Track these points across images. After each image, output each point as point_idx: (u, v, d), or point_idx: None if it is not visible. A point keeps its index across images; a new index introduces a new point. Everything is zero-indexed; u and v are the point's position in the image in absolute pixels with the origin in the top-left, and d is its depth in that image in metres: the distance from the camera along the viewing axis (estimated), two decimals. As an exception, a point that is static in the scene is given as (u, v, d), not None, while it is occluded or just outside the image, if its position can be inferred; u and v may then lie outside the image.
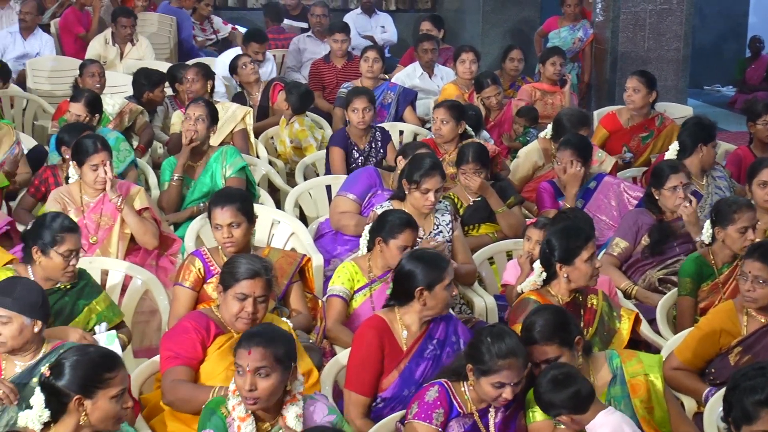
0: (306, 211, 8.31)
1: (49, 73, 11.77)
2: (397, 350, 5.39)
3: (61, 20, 13.22)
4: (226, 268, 5.41)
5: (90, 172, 7.04)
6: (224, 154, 8.00)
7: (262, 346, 4.54)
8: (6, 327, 4.94)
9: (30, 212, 7.71)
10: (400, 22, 15.11)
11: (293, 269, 6.21)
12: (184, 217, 7.81)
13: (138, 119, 9.60)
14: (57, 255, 5.74)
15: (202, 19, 14.37)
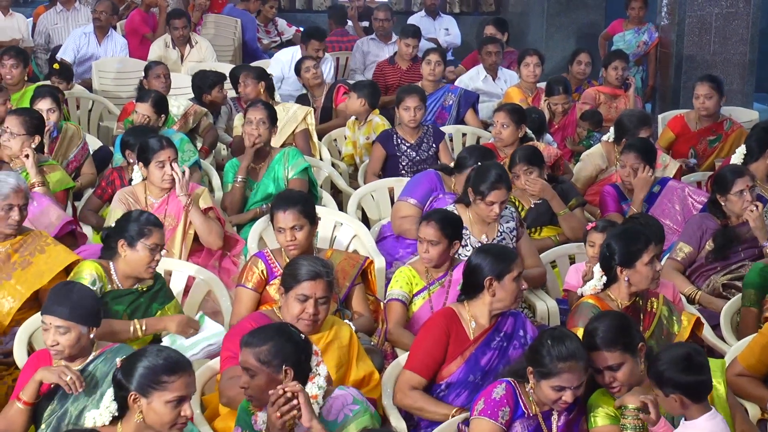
0: (368, 214, 8.31)
1: (115, 75, 11.86)
2: (463, 338, 5.41)
3: (127, 22, 13.33)
4: (288, 270, 5.43)
5: (157, 169, 7.10)
6: (286, 156, 8.03)
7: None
8: (64, 337, 4.97)
9: (96, 213, 7.77)
10: (464, 25, 15.08)
11: (355, 272, 6.22)
12: (247, 218, 7.85)
13: (202, 121, 9.66)
14: (144, 248, 5.82)
15: (266, 21, 14.44)
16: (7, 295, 6.03)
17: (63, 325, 4.96)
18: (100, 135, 10.40)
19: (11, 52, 10.18)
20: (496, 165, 6.94)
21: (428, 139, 8.90)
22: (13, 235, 6.15)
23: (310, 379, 4.70)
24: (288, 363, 4.63)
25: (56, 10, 13.36)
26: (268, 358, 4.62)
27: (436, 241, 6.13)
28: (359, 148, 9.49)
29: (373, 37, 13.10)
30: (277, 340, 4.65)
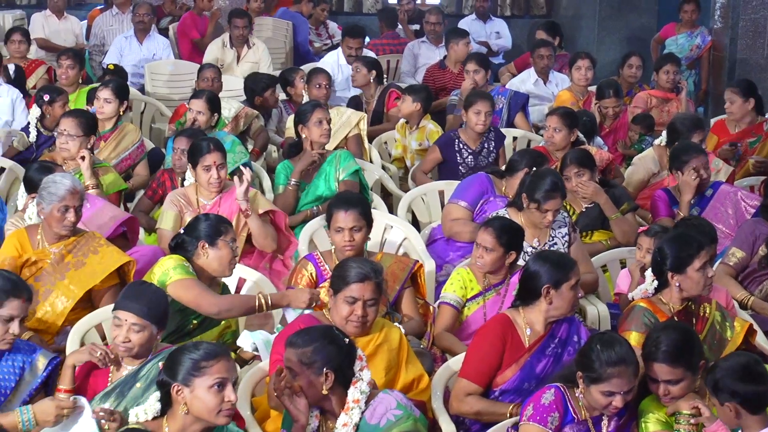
0: (419, 216, 8.31)
1: (168, 77, 11.95)
2: (519, 345, 5.40)
3: (179, 24, 13.43)
4: (337, 272, 5.45)
5: (203, 172, 7.13)
6: (338, 158, 8.04)
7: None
8: (137, 335, 4.99)
9: (147, 214, 7.82)
10: (515, 28, 15.05)
11: (405, 275, 6.22)
12: (298, 220, 7.86)
13: (253, 123, 9.70)
14: (225, 244, 5.85)
15: (318, 24, 14.49)
16: (60, 294, 6.08)
17: (138, 323, 4.98)
18: (152, 137, 10.47)
19: (69, 53, 10.33)
20: (551, 173, 6.92)
21: (489, 144, 8.87)
22: (68, 236, 6.20)
23: (352, 384, 4.72)
24: (330, 366, 4.65)
25: (111, 12, 13.50)
26: (310, 359, 4.64)
27: (491, 248, 6.12)
28: (410, 153, 9.48)
29: (423, 40, 13.09)
30: (321, 343, 4.67)
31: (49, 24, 13.23)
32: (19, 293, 4.95)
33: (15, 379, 4.98)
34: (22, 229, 6.36)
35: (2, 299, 4.91)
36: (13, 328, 4.92)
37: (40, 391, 5.04)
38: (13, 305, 4.92)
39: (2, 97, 9.70)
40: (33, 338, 5.83)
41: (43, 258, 6.17)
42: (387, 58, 12.94)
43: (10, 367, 4.99)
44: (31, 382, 5.00)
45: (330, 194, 7.93)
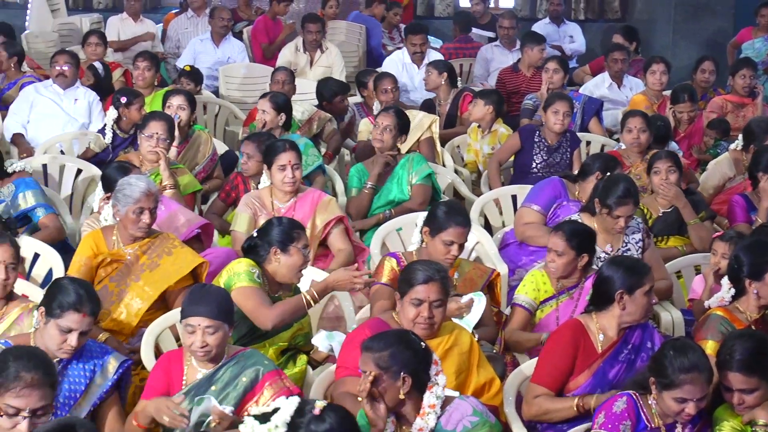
0: (491, 221, 8.29)
1: (241, 80, 12.03)
2: (591, 351, 5.37)
3: (253, 28, 13.52)
4: (402, 276, 5.45)
5: (278, 172, 7.16)
6: (411, 162, 8.04)
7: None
8: (213, 336, 5.00)
9: (220, 217, 7.87)
10: (589, 32, 14.95)
11: (483, 282, 6.20)
12: (371, 224, 7.88)
13: (326, 126, 9.73)
14: (297, 251, 5.85)
15: (391, 27, 14.51)
16: (135, 296, 6.13)
17: (212, 324, 5.00)
18: (226, 139, 10.54)
19: (145, 54, 10.44)
20: (625, 178, 6.88)
21: (565, 144, 8.85)
22: (142, 237, 6.25)
23: (428, 389, 4.70)
24: (406, 370, 4.63)
25: (186, 16, 13.64)
26: (386, 364, 4.62)
27: (562, 252, 6.09)
28: (483, 157, 9.46)
29: (497, 44, 13.07)
30: (397, 347, 4.64)
31: (125, 27, 13.38)
32: (81, 307, 4.94)
33: (85, 383, 5.00)
34: (98, 230, 6.41)
35: (63, 310, 4.93)
36: (71, 340, 4.94)
37: (112, 393, 5.07)
38: (72, 318, 4.93)
39: (80, 100, 9.81)
40: (109, 340, 5.89)
41: (118, 259, 6.23)
42: (460, 62, 12.94)
43: (80, 370, 5.02)
44: (102, 385, 5.03)
45: (402, 198, 7.94)
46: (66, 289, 4.98)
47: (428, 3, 16.49)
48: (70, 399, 4.92)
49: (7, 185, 7.32)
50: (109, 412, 5.06)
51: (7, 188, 7.31)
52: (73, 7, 15.42)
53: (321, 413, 4.27)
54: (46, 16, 13.95)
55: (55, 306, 4.94)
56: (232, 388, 4.99)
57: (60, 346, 4.92)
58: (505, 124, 9.58)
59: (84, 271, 6.19)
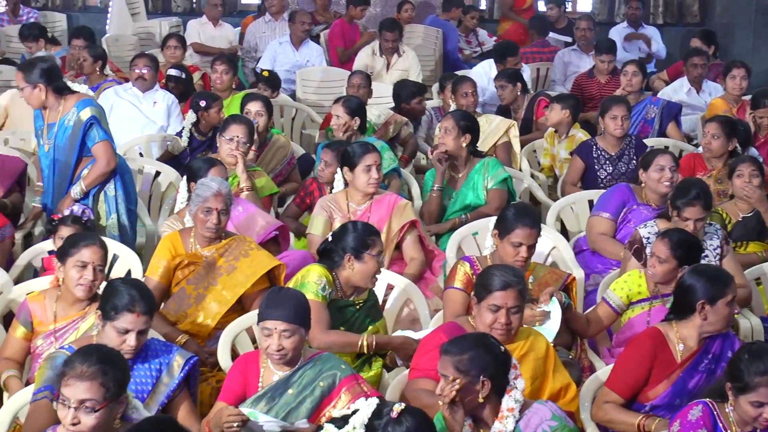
0: (567, 225, 8.25)
1: (318, 84, 12.08)
2: (670, 361, 5.33)
3: (330, 32, 13.57)
4: (480, 280, 5.43)
5: (363, 173, 7.18)
6: (486, 166, 8.02)
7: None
8: (289, 340, 5.03)
9: (295, 221, 7.90)
10: (668, 36, 14.83)
11: (558, 286, 6.16)
12: (445, 228, 7.86)
13: (402, 130, 9.74)
14: (371, 258, 5.88)
15: (467, 31, 14.49)
16: (213, 300, 6.17)
17: (288, 328, 5.03)
18: (303, 143, 10.58)
19: (223, 58, 10.51)
20: (696, 182, 6.85)
21: (629, 152, 8.79)
22: (217, 239, 6.29)
23: (507, 392, 4.69)
24: (486, 374, 4.63)
25: (264, 19, 13.74)
26: (466, 367, 4.61)
27: (664, 260, 6.03)
28: (559, 162, 9.42)
29: (574, 48, 13.03)
30: (477, 350, 4.64)
31: (204, 31, 13.50)
32: (134, 308, 4.98)
33: (152, 382, 5.04)
34: (176, 232, 6.46)
35: (117, 312, 4.98)
36: (129, 340, 4.99)
37: (181, 391, 5.11)
38: (127, 319, 4.98)
39: (158, 103, 9.90)
40: (188, 343, 5.97)
41: (195, 261, 6.27)
42: (537, 66, 12.90)
43: (146, 370, 5.06)
44: (169, 384, 5.07)
45: (478, 203, 7.92)
46: (118, 291, 5.04)
47: (505, 7, 16.45)
48: (138, 399, 4.93)
49: (70, 110, 7.24)
50: (179, 409, 5.10)
51: (71, 113, 7.23)
52: (152, 10, 15.57)
53: (399, 416, 4.29)
54: (126, 20, 14.11)
55: (110, 308, 5.01)
56: (309, 392, 5.01)
57: (120, 347, 4.96)
58: (583, 129, 9.53)
59: (162, 273, 6.25)
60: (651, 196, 7.44)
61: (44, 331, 5.65)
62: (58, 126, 7.16)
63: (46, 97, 7.11)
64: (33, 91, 7.10)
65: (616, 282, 6.25)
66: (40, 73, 7.07)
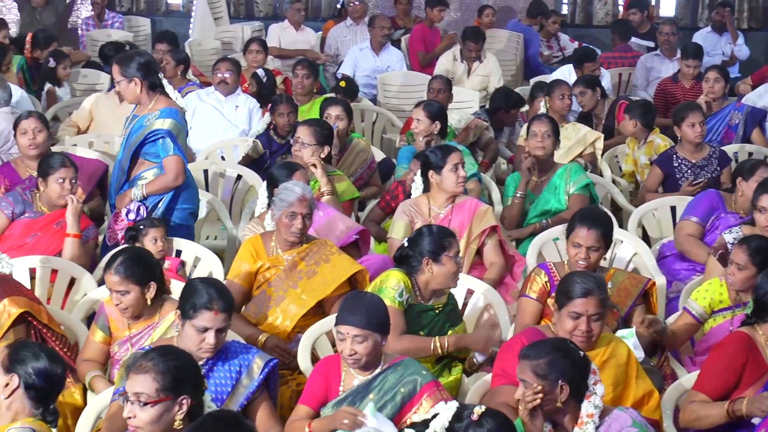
0: (649, 232, 8.19)
1: (399, 88, 12.10)
2: (761, 363, 5.28)
3: (410, 36, 13.61)
4: (561, 287, 5.40)
5: (451, 173, 7.17)
6: (569, 171, 7.98)
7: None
8: (361, 345, 5.05)
9: (378, 225, 7.90)
10: (752, 41, 14.66)
11: (638, 292, 6.12)
12: (526, 233, 7.84)
13: (483, 135, 9.72)
14: (450, 260, 5.88)
15: (549, 36, 14.45)
16: (291, 302, 6.18)
17: (360, 333, 5.05)
18: (383, 147, 10.60)
19: (304, 63, 10.55)
20: None
21: (713, 162, 8.70)
22: (299, 243, 6.31)
23: (586, 398, 4.66)
24: (564, 379, 4.61)
25: (345, 24, 13.79)
26: (544, 371, 4.60)
27: (743, 267, 5.96)
28: (640, 168, 9.36)
29: (657, 53, 12.92)
30: (555, 355, 4.62)
31: (286, 35, 13.58)
32: (212, 306, 5.01)
33: (232, 383, 5.06)
34: (257, 235, 6.49)
35: (196, 310, 5.01)
36: (208, 339, 5.02)
37: (261, 393, 5.13)
38: (205, 317, 5.01)
39: (240, 107, 9.96)
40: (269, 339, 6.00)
41: (276, 265, 6.28)
42: (619, 71, 12.81)
43: (226, 371, 5.08)
44: (249, 385, 5.08)
45: (560, 208, 7.89)
46: (196, 290, 5.08)
47: (587, 12, 16.37)
48: (217, 400, 4.98)
49: (154, 111, 7.13)
50: (258, 410, 5.12)
51: (154, 114, 7.12)
52: (234, 15, 15.70)
53: (479, 418, 4.28)
54: (208, 24, 14.24)
55: (188, 307, 5.05)
56: (390, 397, 5.03)
57: (199, 346, 5.01)
58: (662, 135, 9.44)
59: (243, 276, 6.28)
60: (743, 206, 7.34)
61: (121, 337, 5.71)
62: (138, 121, 7.18)
63: (140, 92, 7.14)
64: (129, 85, 7.09)
65: (697, 291, 6.18)
66: (136, 67, 7.06)
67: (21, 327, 5.56)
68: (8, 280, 5.74)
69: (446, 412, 4.43)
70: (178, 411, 4.41)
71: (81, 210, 6.89)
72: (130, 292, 5.55)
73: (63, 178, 6.85)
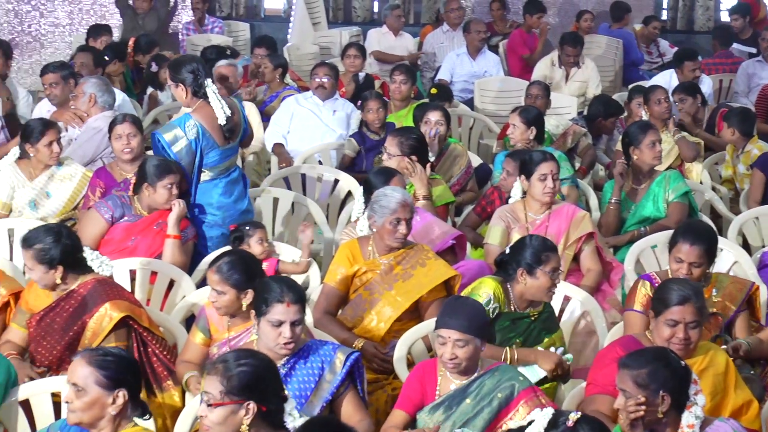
0: (750, 240, 8.09)
1: (496, 94, 12.08)
2: None
3: (509, 41, 13.60)
4: (657, 294, 5.37)
5: (539, 182, 7.15)
6: (668, 179, 7.92)
7: None
8: (462, 350, 5.05)
9: (474, 230, 7.90)
10: None
11: (743, 296, 6.05)
12: (624, 240, 7.79)
13: (581, 141, 9.69)
14: (544, 275, 5.83)
15: (648, 41, 14.33)
16: (387, 305, 6.19)
17: (461, 338, 5.05)
18: (480, 152, 10.58)
19: (402, 67, 10.56)
20: None
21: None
22: (398, 248, 6.32)
23: (687, 408, 4.62)
24: (665, 389, 4.56)
25: (442, 30, 13.85)
26: (645, 381, 4.56)
27: None
28: (739, 176, 9.25)
29: (759, 59, 12.74)
30: (656, 365, 4.58)
31: (384, 40, 13.65)
32: (283, 298, 5.04)
33: (315, 380, 5.08)
34: (354, 240, 6.51)
35: (268, 305, 5.05)
36: (284, 332, 5.03)
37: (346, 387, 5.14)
38: (278, 310, 5.03)
39: (338, 111, 10.01)
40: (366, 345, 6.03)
41: (373, 269, 6.29)
42: (720, 77, 12.67)
43: (308, 369, 5.10)
44: (332, 381, 5.10)
45: (658, 215, 7.82)
46: (267, 285, 5.14)
47: (688, 18, 16.21)
48: (301, 398, 5.01)
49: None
50: (344, 404, 5.14)
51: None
52: (333, 20, 15.79)
53: (575, 425, 4.26)
54: (307, 29, 14.35)
55: (261, 303, 5.09)
56: (486, 403, 5.02)
57: (276, 341, 5.04)
58: (760, 143, 9.30)
59: (339, 280, 6.30)
60: None
61: (220, 339, 5.74)
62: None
63: (186, 96, 7.24)
64: (176, 89, 7.24)
65: None
66: (183, 72, 7.17)
67: (122, 331, 5.62)
68: (109, 283, 5.80)
69: (541, 419, 4.41)
70: (245, 416, 4.41)
71: (185, 213, 6.97)
72: (226, 294, 5.59)
73: (171, 183, 6.93)
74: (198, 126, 7.11)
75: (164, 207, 6.94)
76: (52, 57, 14.23)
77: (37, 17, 15.46)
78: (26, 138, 7.72)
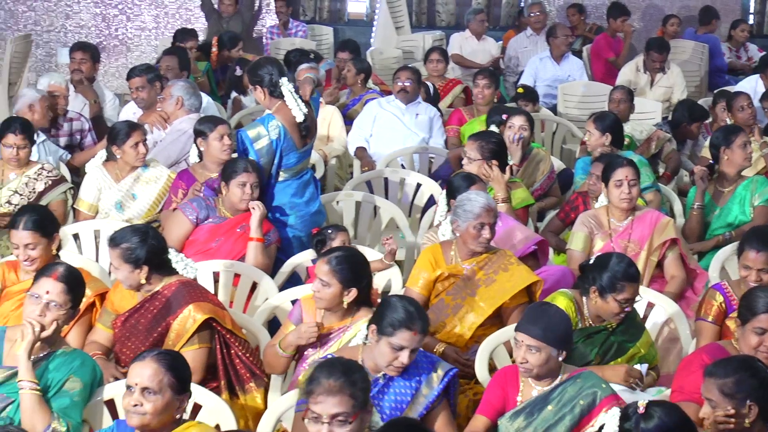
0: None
1: (580, 98, 12.00)
2: None
3: (593, 45, 13.54)
4: (744, 302, 5.32)
5: (615, 188, 7.11)
6: (754, 183, 7.85)
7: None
8: (534, 356, 5.05)
9: (557, 235, 7.86)
10: None
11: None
12: (709, 246, 7.72)
13: (665, 147, 9.63)
14: (614, 302, 5.75)
15: (737, 45, 14.18)
16: (470, 310, 6.19)
17: (534, 344, 5.05)
18: (563, 157, 10.53)
19: (485, 72, 10.57)
20: None
21: None
22: (481, 253, 6.31)
23: None
24: (752, 398, 4.51)
25: (526, 34, 13.81)
26: (731, 391, 4.52)
27: None
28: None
29: None
30: (743, 374, 4.54)
31: (467, 45, 13.64)
32: (412, 326, 5.00)
33: (411, 393, 5.07)
34: (437, 244, 6.50)
35: (395, 328, 5.00)
36: (402, 358, 5.00)
37: (440, 402, 5.12)
38: (404, 336, 4.99)
39: (420, 115, 10.02)
40: (447, 350, 6.02)
41: (455, 273, 6.29)
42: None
43: (406, 381, 5.09)
44: (428, 395, 5.09)
45: (744, 220, 7.75)
46: (396, 307, 5.06)
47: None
48: (396, 410, 5.02)
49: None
50: (437, 419, 5.12)
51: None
52: (416, 24, 15.81)
53: (646, 410, 4.24)
54: (390, 33, 14.39)
55: (387, 324, 5.01)
56: (568, 410, 5.00)
57: (390, 363, 5.01)
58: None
59: (422, 285, 6.30)
60: None
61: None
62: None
63: (264, 98, 7.29)
64: (256, 92, 7.34)
65: None
66: (260, 76, 7.25)
67: (205, 332, 5.64)
68: (193, 285, 5.84)
69: (612, 420, 4.40)
70: (369, 419, 4.46)
71: (265, 215, 7.00)
72: (331, 287, 5.54)
73: (244, 182, 6.97)
74: (280, 127, 7.17)
75: (239, 206, 6.98)
76: (138, 60, 14.40)
77: (124, 21, 15.67)
78: (113, 140, 7.83)
